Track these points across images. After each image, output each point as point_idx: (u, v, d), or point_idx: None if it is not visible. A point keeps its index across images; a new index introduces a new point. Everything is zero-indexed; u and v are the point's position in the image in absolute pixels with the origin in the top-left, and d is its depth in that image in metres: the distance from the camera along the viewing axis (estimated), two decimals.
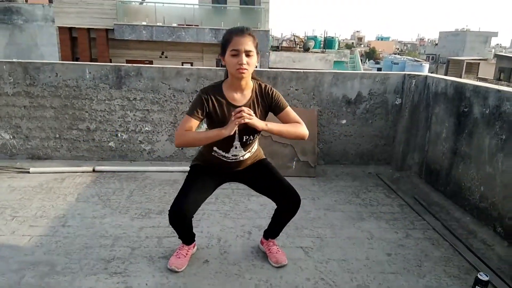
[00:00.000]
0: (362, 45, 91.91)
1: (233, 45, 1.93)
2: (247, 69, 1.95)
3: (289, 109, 2.14)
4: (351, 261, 2.51)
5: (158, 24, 16.93)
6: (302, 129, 2.11)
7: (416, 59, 32.64)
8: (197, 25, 17.36)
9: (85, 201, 3.22)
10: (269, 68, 16.55)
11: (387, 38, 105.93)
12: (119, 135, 4.02)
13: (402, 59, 31.24)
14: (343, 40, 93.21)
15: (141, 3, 19.26)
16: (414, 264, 2.51)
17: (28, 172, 3.75)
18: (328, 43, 28.51)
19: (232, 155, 2.16)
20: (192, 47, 17.62)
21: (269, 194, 2.34)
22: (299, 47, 23.11)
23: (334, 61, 22.54)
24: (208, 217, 3.01)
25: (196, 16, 18.14)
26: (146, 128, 3.99)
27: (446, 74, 34.96)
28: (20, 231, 2.70)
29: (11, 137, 3.97)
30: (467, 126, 3.16)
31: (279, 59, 19.56)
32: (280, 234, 2.76)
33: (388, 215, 3.19)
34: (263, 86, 2.13)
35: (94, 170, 3.85)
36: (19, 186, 3.46)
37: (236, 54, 1.93)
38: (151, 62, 16.83)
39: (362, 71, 4.17)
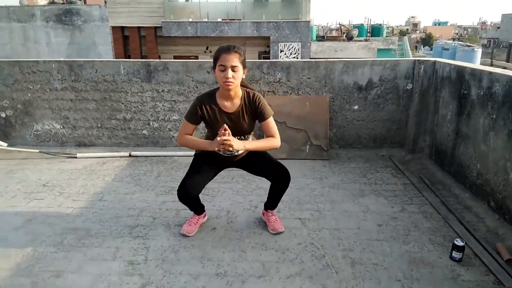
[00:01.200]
0: (418, 31, 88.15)
1: (220, 61, 2.25)
2: (232, 82, 2.26)
3: (270, 120, 2.43)
4: (342, 230, 2.79)
5: (203, 20, 17.58)
6: (274, 142, 2.43)
7: (468, 44, 30.85)
8: (240, 19, 17.81)
9: (120, 181, 3.72)
10: (310, 58, 16.65)
11: (445, 23, 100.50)
12: (151, 123, 4.52)
13: (453, 44, 29.64)
14: (397, 27, 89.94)
15: (186, 0, 20.05)
16: (402, 233, 2.75)
17: (76, 157, 4.35)
18: (375, 30, 27.90)
19: (228, 152, 2.47)
20: (234, 41, 17.95)
21: (263, 174, 2.70)
22: (345, 36, 22.89)
23: (380, 49, 22.10)
24: (222, 193, 3.40)
25: (238, 10, 18.59)
26: (174, 117, 4.46)
27: (507, 59, 32.69)
28: (65, 204, 3.24)
29: (62, 127, 4.60)
30: (466, 108, 3.29)
31: (320, 49, 19.53)
32: (283, 207, 3.11)
33: (389, 192, 3.40)
34: (251, 95, 2.42)
35: (130, 155, 4.38)
36: (67, 168, 4.05)
37: (223, 69, 2.24)
38: (196, 57, 17.55)
39: (372, 59, 4.34)
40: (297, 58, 16.79)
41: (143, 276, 2.29)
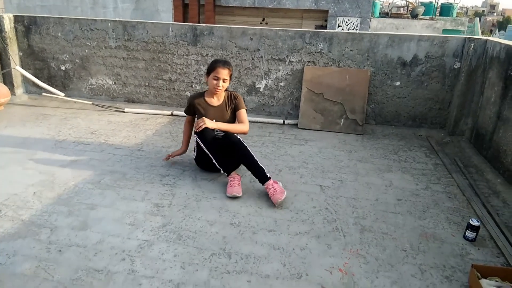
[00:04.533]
0: (495, 14, 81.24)
1: (215, 73, 2.88)
2: (221, 89, 2.94)
3: (242, 110, 3.08)
4: (359, 200, 2.84)
5: None
6: (242, 127, 3.04)
7: None
8: None
9: (159, 136, 3.99)
10: None
11: None
12: (193, 86, 4.73)
13: None
14: (472, 8, 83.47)
15: None
16: (420, 209, 2.74)
17: (123, 111, 4.68)
18: (445, 10, 26.20)
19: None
20: (292, 14, 17.88)
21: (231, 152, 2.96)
22: (410, 14, 21.74)
23: (446, 29, 20.80)
24: None
25: None
26: None
27: None
28: (107, 150, 3.55)
29: (113, 83, 4.95)
30: (511, 90, 3.13)
31: (381, 26, 18.71)
32: (306, 173, 3.20)
33: (417, 171, 3.36)
34: (232, 94, 3.10)
35: (172, 114, 4.64)
36: (114, 121, 4.38)
37: (216, 79, 2.89)
38: None
39: (420, 34, 4.17)
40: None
41: (165, 217, 2.51)
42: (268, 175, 2.81)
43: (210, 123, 2.88)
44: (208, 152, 2.91)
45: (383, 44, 4.13)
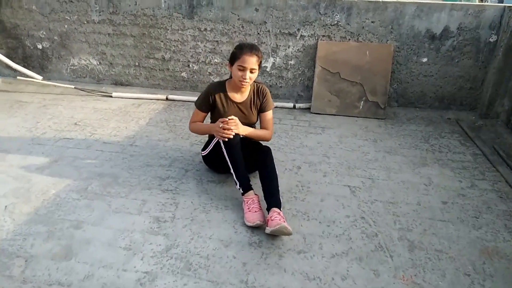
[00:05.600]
0: None
1: (241, 62, 2.24)
2: (248, 82, 2.30)
3: (269, 113, 2.52)
4: (399, 205, 2.39)
5: None
6: (267, 135, 2.52)
7: None
8: None
9: (154, 125, 3.46)
10: None
11: None
12: (190, 65, 4.16)
13: None
14: None
15: None
16: (471, 214, 2.31)
17: (111, 96, 4.13)
18: None
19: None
20: None
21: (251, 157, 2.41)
22: None
23: None
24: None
25: None
26: (215, 60, 4.06)
27: None
28: (94, 146, 3.03)
29: (98, 63, 4.35)
30: None
31: None
32: (330, 171, 2.74)
33: (457, 163, 2.91)
34: (260, 87, 2.49)
35: (167, 98, 4.09)
36: (101, 108, 3.83)
37: (242, 69, 2.25)
38: None
39: (452, 2, 3.63)
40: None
41: (168, 236, 2.04)
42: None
43: (242, 128, 2.34)
44: (228, 160, 2.31)
45: (409, 14, 3.59)
